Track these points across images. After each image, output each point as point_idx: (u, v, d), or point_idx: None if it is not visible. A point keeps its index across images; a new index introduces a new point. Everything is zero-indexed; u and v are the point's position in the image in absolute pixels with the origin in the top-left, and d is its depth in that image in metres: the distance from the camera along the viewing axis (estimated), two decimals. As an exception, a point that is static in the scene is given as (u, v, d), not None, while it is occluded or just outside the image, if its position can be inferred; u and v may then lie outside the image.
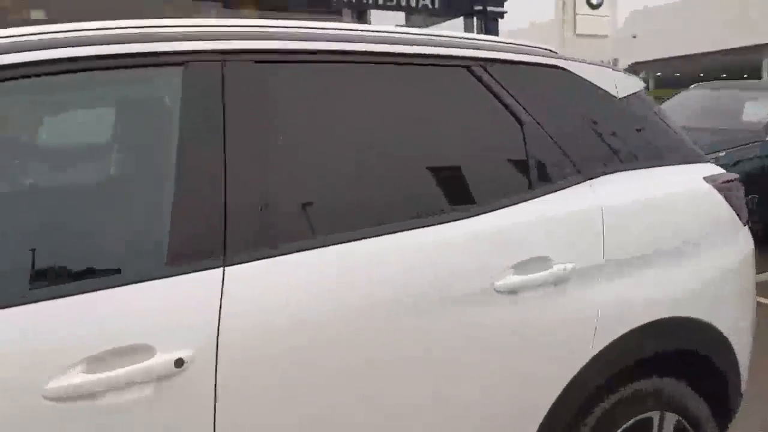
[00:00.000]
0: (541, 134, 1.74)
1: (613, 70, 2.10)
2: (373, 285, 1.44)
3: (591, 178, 1.75)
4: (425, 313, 1.48)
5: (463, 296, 1.52)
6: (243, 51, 1.45)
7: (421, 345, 1.48)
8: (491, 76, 1.73)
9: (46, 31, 1.38)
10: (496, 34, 10.70)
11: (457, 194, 1.66)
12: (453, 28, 11.68)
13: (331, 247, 1.41)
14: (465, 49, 1.73)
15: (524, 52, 1.85)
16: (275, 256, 1.35)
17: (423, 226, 1.52)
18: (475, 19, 11.49)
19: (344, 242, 1.42)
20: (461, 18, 11.74)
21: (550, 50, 2.01)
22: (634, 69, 23.05)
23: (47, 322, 1.19)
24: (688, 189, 1.97)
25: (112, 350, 1.20)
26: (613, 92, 1.94)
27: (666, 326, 1.80)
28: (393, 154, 1.61)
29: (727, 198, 1.96)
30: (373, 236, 1.45)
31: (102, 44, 1.35)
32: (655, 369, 1.85)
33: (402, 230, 1.50)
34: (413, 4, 10.66)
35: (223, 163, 1.35)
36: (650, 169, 1.91)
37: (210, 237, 1.32)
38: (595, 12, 13.21)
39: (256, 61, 1.45)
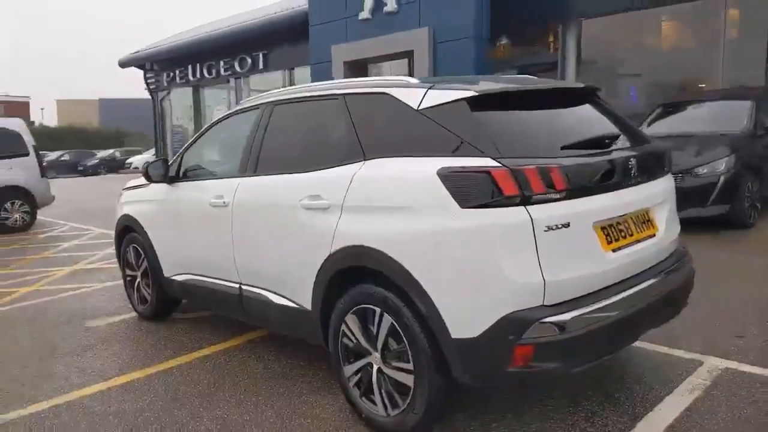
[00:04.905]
0: (351, 136, 3.11)
1: (431, 88, 2.82)
2: (266, 192, 3.57)
3: (367, 160, 2.98)
4: (276, 208, 3.45)
5: (289, 205, 3.30)
6: (282, 101, 3.78)
7: (271, 221, 3.49)
8: (345, 102, 3.26)
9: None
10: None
11: (304, 161, 3.41)
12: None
13: (264, 176, 3.63)
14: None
15: (365, 85, 3.19)
16: (252, 176, 3.72)
17: (286, 174, 3.47)
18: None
19: (270, 175, 3.60)
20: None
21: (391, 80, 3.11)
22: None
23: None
24: (412, 172, 2.69)
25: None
26: (413, 105, 2.83)
27: (362, 250, 2.84)
28: (297, 143, 3.67)
29: (446, 184, 2.51)
30: (274, 175, 3.57)
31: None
32: (377, 281, 2.82)
33: (279, 174, 3.53)
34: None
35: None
36: (407, 157, 2.76)
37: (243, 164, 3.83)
38: None
39: (276, 104, 3.79)
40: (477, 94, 2.73)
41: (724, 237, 7.14)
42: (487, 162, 2.49)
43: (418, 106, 2.85)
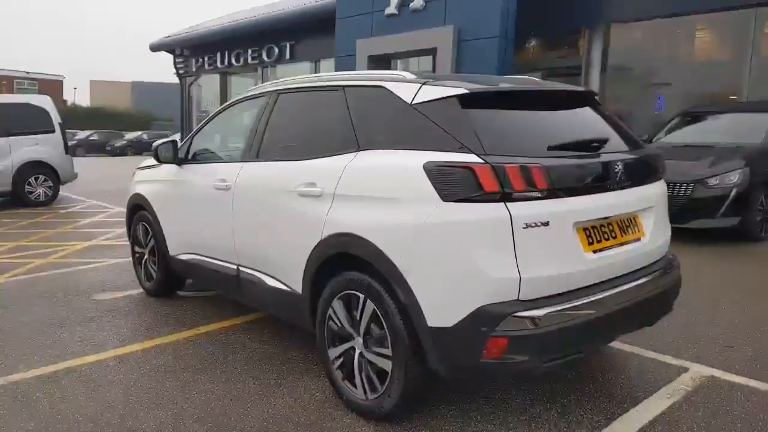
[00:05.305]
0: (348, 127, 3.21)
1: (425, 84, 2.91)
2: (266, 177, 3.68)
3: (360, 151, 3.02)
4: (274, 193, 3.54)
5: (286, 191, 3.41)
6: (286, 89, 3.89)
7: (269, 206, 3.58)
8: (344, 94, 3.25)
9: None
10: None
11: (303, 150, 3.54)
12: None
13: (265, 162, 3.75)
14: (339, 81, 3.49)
15: (364, 78, 3.26)
16: (254, 161, 3.83)
17: (286, 161, 3.59)
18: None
19: (271, 161, 3.74)
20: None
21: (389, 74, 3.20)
22: None
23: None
24: (400, 165, 2.77)
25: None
26: (407, 99, 2.92)
27: (350, 238, 2.94)
28: (297, 131, 3.78)
29: (431, 178, 2.60)
30: (275, 161, 3.72)
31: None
32: (362, 268, 2.90)
33: (279, 161, 3.67)
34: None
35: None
36: (397, 150, 2.85)
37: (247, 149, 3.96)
38: None
39: (280, 93, 3.91)
40: (468, 92, 2.79)
41: (735, 250, 7.08)
42: (470, 158, 2.56)
43: (412, 101, 2.92)
